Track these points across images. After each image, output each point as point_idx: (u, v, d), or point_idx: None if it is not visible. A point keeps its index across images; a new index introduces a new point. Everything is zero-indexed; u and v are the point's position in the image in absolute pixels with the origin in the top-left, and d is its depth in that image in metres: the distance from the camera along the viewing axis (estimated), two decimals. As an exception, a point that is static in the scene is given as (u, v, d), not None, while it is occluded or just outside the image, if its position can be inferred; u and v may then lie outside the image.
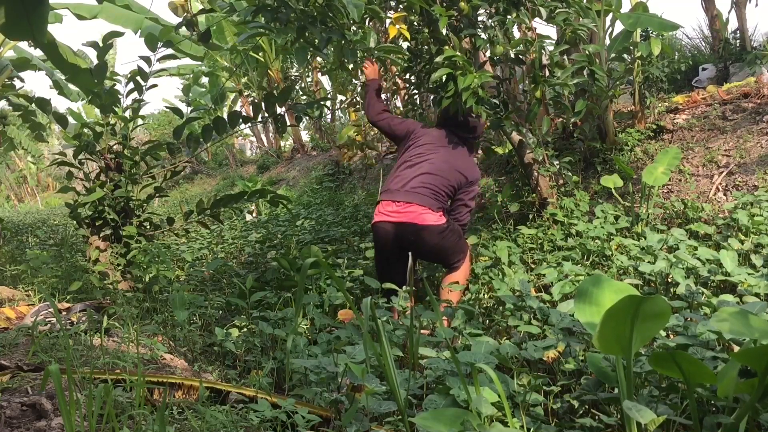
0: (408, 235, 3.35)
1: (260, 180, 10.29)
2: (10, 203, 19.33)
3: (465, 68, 3.44)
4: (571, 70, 3.69)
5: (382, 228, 3.43)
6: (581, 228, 3.90)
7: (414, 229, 3.35)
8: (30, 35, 3.03)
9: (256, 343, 2.75)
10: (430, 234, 3.36)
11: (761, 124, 4.72)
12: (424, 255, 3.50)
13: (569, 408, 1.98)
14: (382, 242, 3.46)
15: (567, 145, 5.12)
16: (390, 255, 3.45)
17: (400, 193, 3.40)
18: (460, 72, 3.42)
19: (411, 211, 3.35)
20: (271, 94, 3.90)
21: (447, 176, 3.44)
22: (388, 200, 3.44)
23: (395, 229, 3.37)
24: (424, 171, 3.43)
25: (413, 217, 3.34)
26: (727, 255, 3.06)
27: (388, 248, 3.44)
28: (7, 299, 3.56)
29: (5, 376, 1.89)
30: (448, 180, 3.44)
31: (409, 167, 3.49)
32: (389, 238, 3.41)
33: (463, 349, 2.26)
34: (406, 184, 3.42)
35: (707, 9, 7.29)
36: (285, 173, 11.34)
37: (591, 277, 1.97)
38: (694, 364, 1.53)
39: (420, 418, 1.55)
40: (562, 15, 3.69)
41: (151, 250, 3.83)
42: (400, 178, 3.47)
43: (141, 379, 1.60)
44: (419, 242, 3.35)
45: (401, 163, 3.55)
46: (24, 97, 5.26)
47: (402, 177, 3.47)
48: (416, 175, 3.43)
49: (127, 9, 5.92)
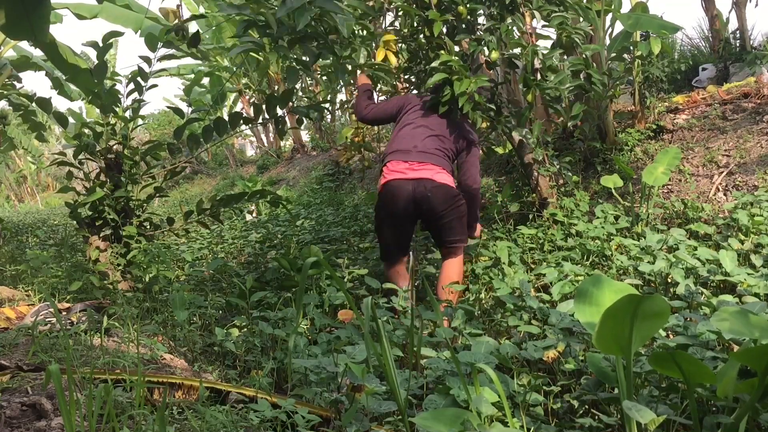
0: (425, 192, 3.29)
1: (260, 180, 10.30)
2: (10, 203, 19.34)
3: (461, 73, 3.45)
4: (564, 75, 3.70)
5: (397, 186, 3.33)
6: (581, 228, 3.90)
7: (432, 185, 3.31)
8: (31, 35, 3.04)
9: (256, 343, 2.75)
10: (445, 194, 3.33)
11: (761, 124, 4.72)
12: (432, 219, 3.41)
13: (569, 408, 1.98)
14: (395, 201, 3.34)
15: (567, 145, 5.13)
16: (401, 218, 3.38)
17: (412, 153, 3.36)
18: (456, 77, 3.43)
19: (427, 169, 3.33)
20: (273, 96, 3.90)
21: (451, 138, 3.47)
22: (399, 160, 3.37)
23: (412, 186, 3.30)
24: (431, 133, 3.42)
25: (431, 174, 3.32)
26: (726, 255, 3.06)
27: (399, 209, 3.34)
28: (7, 299, 3.56)
29: (5, 376, 1.89)
30: (452, 142, 3.47)
31: (414, 128, 3.45)
32: (404, 196, 3.31)
33: (463, 349, 2.26)
34: (416, 144, 3.38)
35: (707, 9, 7.29)
36: (285, 173, 11.35)
37: (591, 277, 1.97)
38: (694, 364, 1.53)
39: (420, 418, 1.55)
40: (558, 19, 3.70)
41: (151, 250, 3.83)
42: (408, 138, 3.42)
43: (141, 379, 1.60)
44: (433, 201, 3.30)
45: (404, 124, 3.50)
46: (24, 96, 5.26)
47: (410, 137, 3.41)
48: (426, 136, 3.41)
49: (127, 9, 5.92)
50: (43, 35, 3.17)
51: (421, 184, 3.30)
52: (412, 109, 3.58)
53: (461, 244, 3.49)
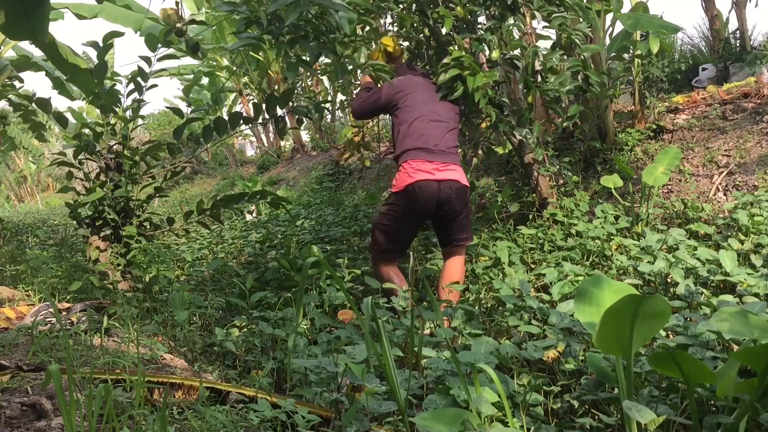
0: (450, 193, 3.31)
1: (260, 180, 10.29)
2: (10, 203, 19.34)
3: (473, 68, 3.45)
4: (564, 76, 3.70)
5: (425, 186, 3.28)
6: (581, 228, 3.90)
7: (456, 186, 3.34)
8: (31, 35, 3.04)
9: (256, 343, 2.75)
10: (465, 194, 3.42)
11: (761, 124, 4.72)
12: (450, 219, 3.41)
13: (569, 408, 1.98)
14: (422, 202, 3.30)
15: (567, 145, 5.13)
16: (422, 218, 3.40)
17: (435, 153, 3.34)
18: (468, 72, 3.43)
19: (451, 169, 3.34)
20: (273, 95, 3.90)
21: (456, 123, 3.52)
22: (424, 159, 3.33)
23: (439, 187, 3.29)
24: (447, 127, 3.43)
25: (455, 175, 3.35)
26: (726, 255, 3.06)
27: (424, 209, 3.32)
28: (7, 299, 3.56)
29: (5, 376, 1.89)
30: (456, 126, 3.54)
31: (428, 122, 3.40)
32: (431, 197, 3.29)
33: (463, 349, 2.26)
34: (438, 143, 3.36)
35: (707, 9, 7.29)
36: (285, 173, 11.34)
37: (591, 277, 1.97)
38: (694, 364, 1.53)
39: (420, 418, 1.55)
40: (558, 20, 3.70)
41: (151, 250, 3.83)
42: (427, 135, 3.38)
43: (141, 379, 1.60)
44: (456, 202, 3.34)
45: (414, 117, 3.43)
46: (24, 96, 5.26)
47: (429, 134, 3.38)
48: (444, 132, 3.40)
49: (127, 9, 5.92)
50: (43, 35, 3.17)
51: (447, 185, 3.31)
52: (411, 96, 3.47)
53: (468, 242, 3.52)
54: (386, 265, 3.43)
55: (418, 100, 3.47)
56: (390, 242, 3.43)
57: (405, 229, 3.43)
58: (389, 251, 3.44)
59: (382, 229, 3.44)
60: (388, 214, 3.43)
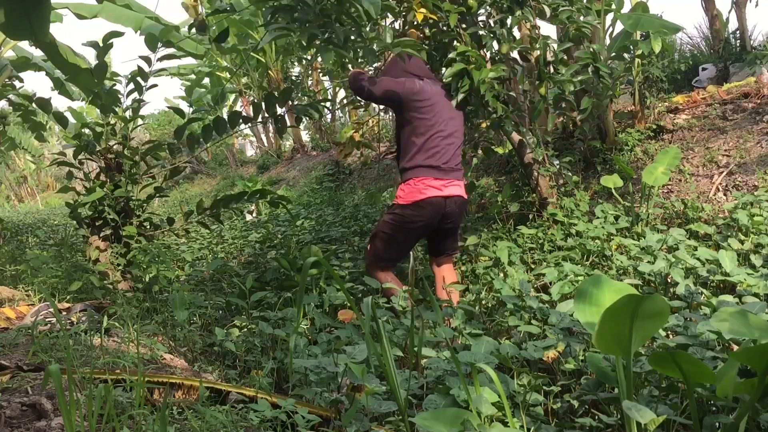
0: (455, 207, 3.41)
1: (260, 180, 10.29)
2: (10, 203, 19.32)
3: (479, 62, 3.46)
4: (575, 68, 3.70)
5: (436, 203, 3.34)
6: (581, 228, 3.90)
7: (461, 201, 3.45)
8: (31, 35, 3.03)
9: (256, 343, 2.75)
10: (465, 207, 3.58)
11: (761, 124, 4.72)
12: (450, 230, 3.49)
13: (569, 408, 1.98)
14: (431, 216, 3.36)
15: (567, 145, 5.13)
16: (424, 231, 3.44)
17: (446, 171, 3.39)
18: (474, 66, 3.44)
19: (456, 185, 3.42)
20: (272, 94, 3.90)
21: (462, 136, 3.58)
22: (435, 177, 3.36)
23: (446, 202, 3.37)
24: (458, 143, 3.47)
25: (460, 190, 3.44)
26: (726, 255, 3.06)
27: (431, 222, 3.39)
28: (7, 299, 3.56)
29: (5, 376, 1.89)
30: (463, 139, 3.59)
31: (444, 139, 3.39)
32: (439, 212, 3.37)
33: (463, 349, 2.26)
34: (448, 160, 3.40)
35: (707, 9, 7.30)
36: (285, 173, 11.34)
37: (591, 277, 1.97)
38: (694, 364, 1.53)
39: (420, 418, 1.55)
40: (566, 13, 3.71)
41: (151, 250, 3.83)
42: (442, 153, 3.38)
43: (141, 379, 1.60)
44: (458, 216, 3.48)
45: (433, 132, 3.38)
46: (24, 96, 5.26)
47: (444, 152, 3.38)
48: (455, 149, 3.44)
49: (127, 8, 5.91)
50: (43, 35, 3.17)
51: (453, 200, 3.39)
52: (432, 108, 3.39)
53: (458, 252, 3.70)
54: (382, 271, 3.44)
55: (438, 112, 3.40)
56: (388, 251, 3.45)
57: (406, 240, 3.47)
58: (386, 260, 3.44)
59: (383, 238, 3.43)
60: (392, 224, 3.41)
